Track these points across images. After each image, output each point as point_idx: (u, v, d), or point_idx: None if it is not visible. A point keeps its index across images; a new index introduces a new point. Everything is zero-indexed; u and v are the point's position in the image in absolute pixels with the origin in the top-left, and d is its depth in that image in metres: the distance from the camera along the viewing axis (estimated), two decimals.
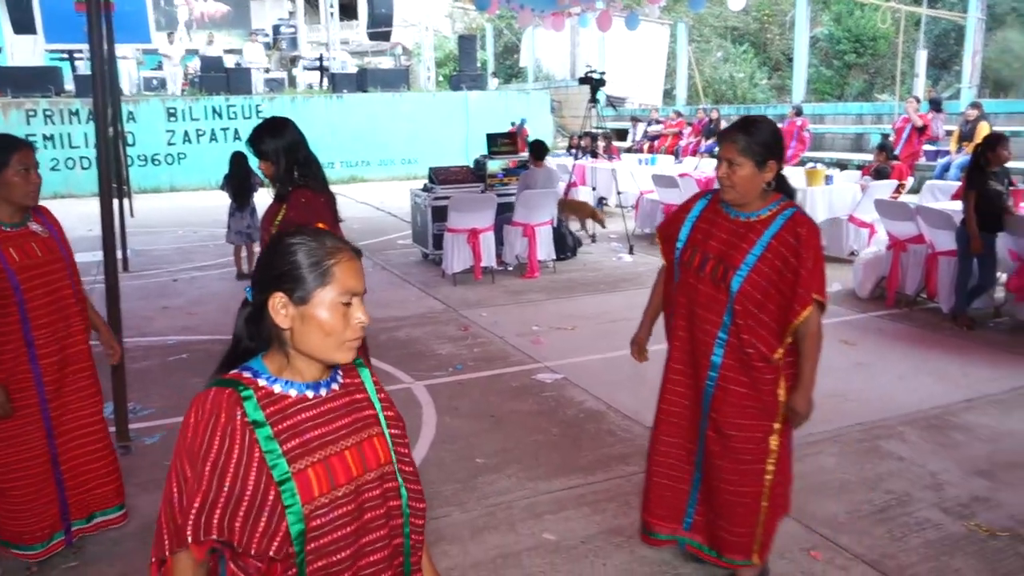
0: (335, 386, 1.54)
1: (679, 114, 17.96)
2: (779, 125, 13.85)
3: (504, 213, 8.45)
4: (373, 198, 15.25)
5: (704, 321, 2.68)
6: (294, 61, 21.78)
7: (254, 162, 3.62)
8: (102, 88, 4.05)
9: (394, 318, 6.82)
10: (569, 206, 10.44)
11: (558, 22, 14.31)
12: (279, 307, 1.44)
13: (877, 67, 24.62)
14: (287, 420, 1.45)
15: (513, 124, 16.59)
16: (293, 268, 1.44)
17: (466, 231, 8.00)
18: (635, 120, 18.89)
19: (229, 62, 19.42)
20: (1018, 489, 3.70)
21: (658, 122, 17.83)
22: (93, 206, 4.24)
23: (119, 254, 6.16)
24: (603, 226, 10.20)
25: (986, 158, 6.01)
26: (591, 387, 5.07)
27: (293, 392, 1.48)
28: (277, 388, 1.47)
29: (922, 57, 16.66)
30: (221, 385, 1.44)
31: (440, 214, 8.44)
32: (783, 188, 2.70)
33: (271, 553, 1.39)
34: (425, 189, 8.98)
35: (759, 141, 2.56)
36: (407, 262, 9.27)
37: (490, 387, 5.17)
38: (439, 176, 8.91)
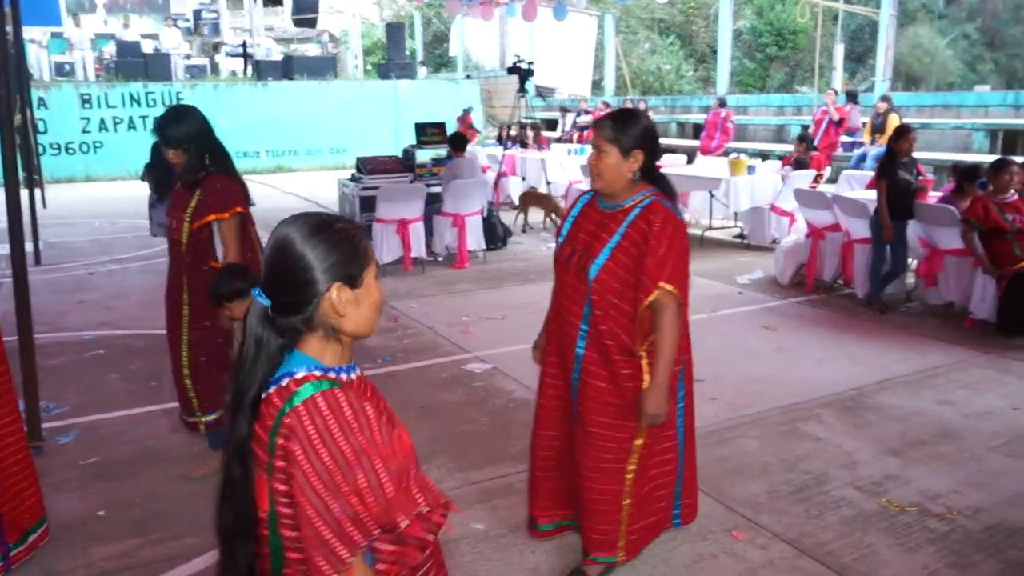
0: None
1: (607, 104, 18.11)
2: (704, 116, 14.12)
3: (433, 203, 8.41)
4: (301, 188, 14.95)
5: (569, 313, 2.68)
6: (216, 47, 21.18)
7: None
8: (5, 72, 3.86)
9: None
10: (532, 199, 10.32)
11: (486, 11, 14.30)
12: (338, 296, 1.45)
13: (797, 60, 25.37)
14: (367, 402, 1.49)
15: (466, 111, 16.86)
16: (347, 254, 1.46)
17: (395, 221, 7.93)
18: (564, 110, 18.99)
19: (147, 47, 18.76)
20: (925, 466, 3.88)
21: (587, 112, 17.94)
22: (0, 196, 4.06)
23: (30, 246, 5.91)
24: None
25: (894, 148, 6.27)
26: (521, 376, 5.09)
27: (353, 375, 1.51)
28: (344, 376, 1.48)
29: (839, 51, 17.21)
30: (317, 389, 1.41)
31: (369, 204, 8.34)
32: (659, 183, 2.68)
33: (443, 502, 1.53)
34: (353, 179, 8.87)
35: (627, 131, 2.56)
36: None
37: (420, 378, 5.15)
38: (367, 166, 8.80)
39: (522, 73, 10.64)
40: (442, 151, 9.58)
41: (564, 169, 11.69)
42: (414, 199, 8.05)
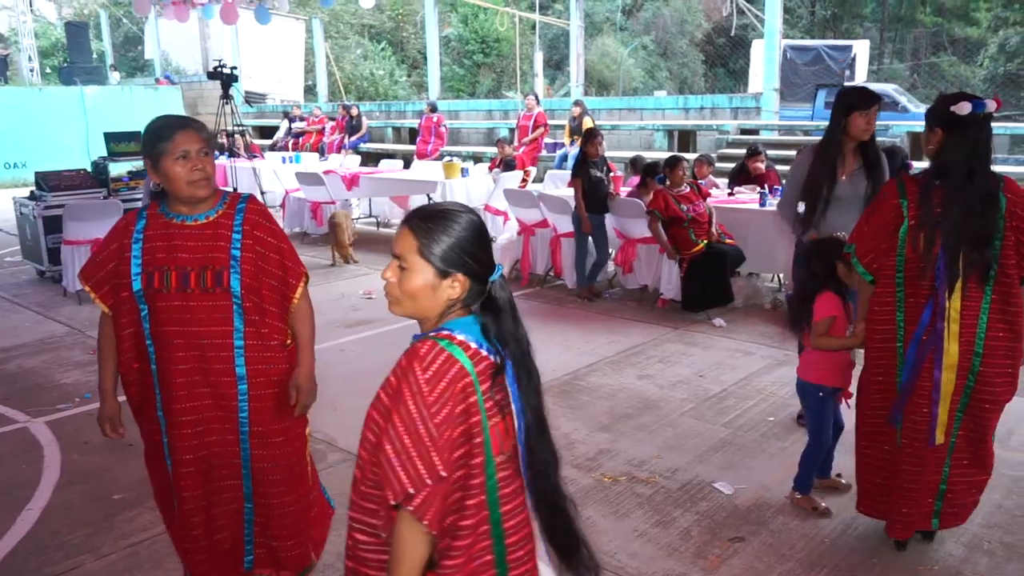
0: None
1: (321, 110, 17.79)
2: (419, 121, 14.31)
3: None
4: None
5: (214, 336, 2.48)
6: None
7: None
8: None
9: (1, 349, 5.89)
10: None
11: (181, 12, 13.39)
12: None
13: (503, 67, 26.74)
14: None
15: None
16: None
17: (88, 242, 7.15)
18: (287, 116, 18.34)
19: None
20: (630, 437, 4.27)
21: (301, 119, 17.50)
22: None
23: None
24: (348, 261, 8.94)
25: (585, 151, 6.85)
26: None
27: None
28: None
29: (539, 59, 18.42)
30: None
31: (55, 225, 7.46)
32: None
33: None
34: (33, 197, 7.87)
35: (209, 133, 2.57)
36: (19, 282, 8.07)
37: (127, 412, 4.68)
38: (50, 182, 7.86)
39: (225, 78, 10.09)
40: (140, 163, 8.82)
41: (279, 178, 11.30)
42: (109, 216, 7.29)
